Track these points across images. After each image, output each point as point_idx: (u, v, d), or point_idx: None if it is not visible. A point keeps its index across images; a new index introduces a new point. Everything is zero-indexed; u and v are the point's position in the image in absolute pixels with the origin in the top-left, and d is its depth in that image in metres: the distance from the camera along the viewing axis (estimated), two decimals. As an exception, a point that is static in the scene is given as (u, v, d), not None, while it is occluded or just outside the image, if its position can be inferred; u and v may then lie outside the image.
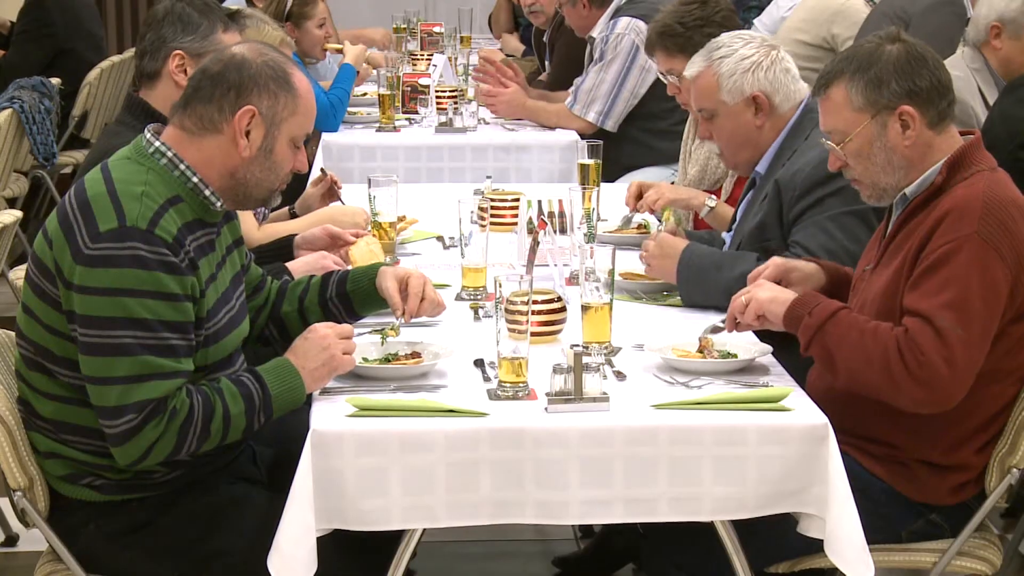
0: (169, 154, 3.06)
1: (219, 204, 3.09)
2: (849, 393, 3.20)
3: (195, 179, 3.06)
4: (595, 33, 6.21)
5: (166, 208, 2.99)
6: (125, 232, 2.94)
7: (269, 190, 3.14)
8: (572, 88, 6.28)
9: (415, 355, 3.26)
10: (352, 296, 3.40)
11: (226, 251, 3.19)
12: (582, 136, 5.76)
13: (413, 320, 3.37)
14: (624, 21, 6.10)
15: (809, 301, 3.22)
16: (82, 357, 2.97)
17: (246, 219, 4.23)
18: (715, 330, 3.31)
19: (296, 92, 3.10)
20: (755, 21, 7.86)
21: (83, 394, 3.00)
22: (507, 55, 8.11)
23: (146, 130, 3.10)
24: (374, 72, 7.23)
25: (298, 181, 5.25)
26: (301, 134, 3.13)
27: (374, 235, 4.11)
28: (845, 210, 3.68)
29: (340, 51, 6.56)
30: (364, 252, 3.85)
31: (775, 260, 3.41)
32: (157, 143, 3.07)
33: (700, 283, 3.73)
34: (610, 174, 5.55)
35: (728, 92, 3.88)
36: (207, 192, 3.07)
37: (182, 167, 3.05)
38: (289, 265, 3.81)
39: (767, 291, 3.29)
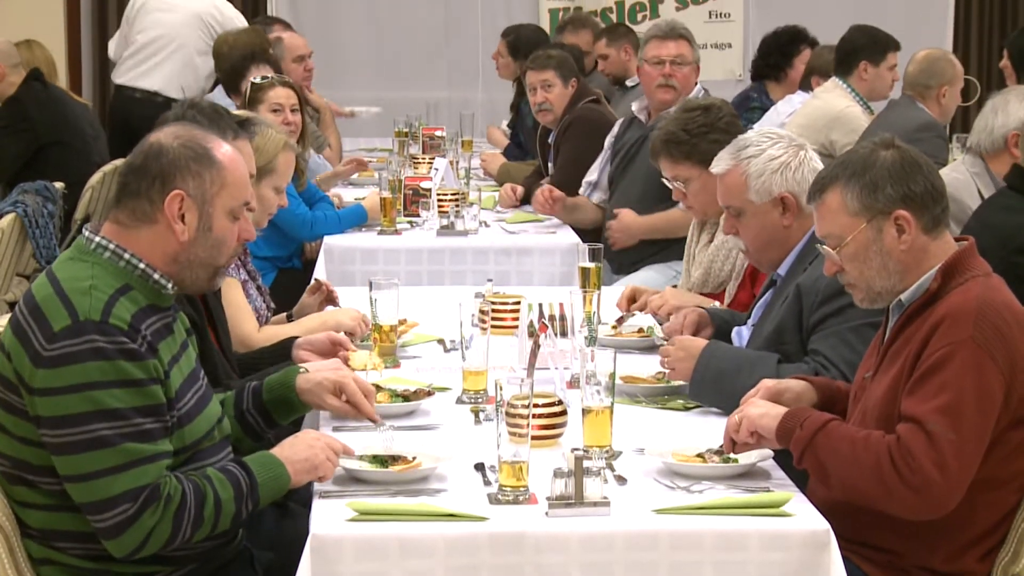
0: (111, 247, 3.06)
1: (170, 287, 3.09)
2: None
3: (141, 265, 3.05)
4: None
5: (116, 297, 2.99)
6: (80, 327, 2.95)
7: (215, 267, 3.13)
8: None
9: (415, 459, 3.26)
10: (269, 406, 3.37)
11: (186, 334, 3.18)
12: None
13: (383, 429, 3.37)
14: None
15: (800, 414, 3.22)
16: (56, 459, 2.95)
17: (246, 322, 4.24)
18: (711, 453, 3.30)
19: (220, 165, 3.09)
20: (755, 126, 7.91)
21: (68, 499, 2.98)
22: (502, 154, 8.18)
23: (84, 229, 3.11)
24: (376, 175, 7.27)
25: (296, 286, 5.27)
26: (238, 204, 3.12)
27: (375, 338, 4.13)
28: (866, 321, 3.62)
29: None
30: (364, 359, 3.86)
31: (765, 383, 3.39)
32: (97, 238, 3.08)
33: (716, 385, 3.69)
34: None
35: (756, 192, 3.88)
36: (156, 276, 3.06)
37: (127, 256, 3.06)
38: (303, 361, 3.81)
39: (758, 408, 3.28)
